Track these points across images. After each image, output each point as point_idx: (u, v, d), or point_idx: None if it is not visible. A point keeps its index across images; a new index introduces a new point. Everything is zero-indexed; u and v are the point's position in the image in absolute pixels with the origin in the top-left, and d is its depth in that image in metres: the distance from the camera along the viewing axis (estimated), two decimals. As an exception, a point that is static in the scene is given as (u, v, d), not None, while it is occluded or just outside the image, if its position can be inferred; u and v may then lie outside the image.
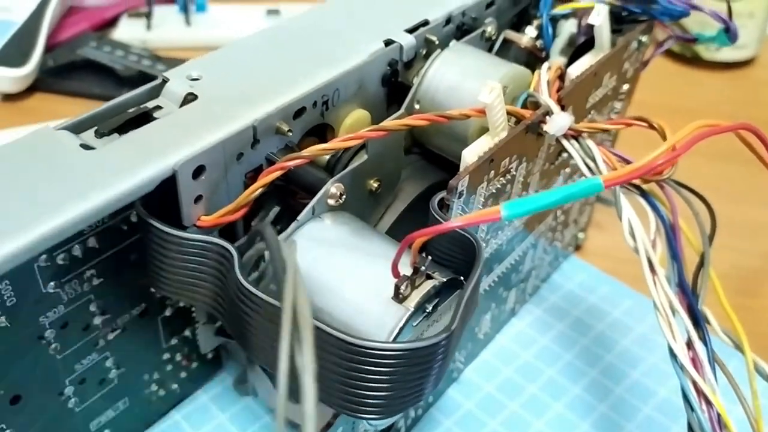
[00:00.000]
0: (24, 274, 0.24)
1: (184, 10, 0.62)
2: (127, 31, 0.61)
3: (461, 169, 0.28)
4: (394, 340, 0.23)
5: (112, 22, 0.62)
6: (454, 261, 0.26)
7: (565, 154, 0.34)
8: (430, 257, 0.24)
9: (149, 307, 0.30)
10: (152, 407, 0.34)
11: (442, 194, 0.26)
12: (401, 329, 0.23)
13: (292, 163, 0.25)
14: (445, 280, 0.25)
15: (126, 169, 0.24)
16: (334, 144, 0.25)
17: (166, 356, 0.33)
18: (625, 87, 0.37)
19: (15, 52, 0.55)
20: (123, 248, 0.28)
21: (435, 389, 0.25)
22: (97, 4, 0.63)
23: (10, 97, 0.54)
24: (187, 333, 0.33)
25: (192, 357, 0.34)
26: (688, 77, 0.59)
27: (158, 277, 0.26)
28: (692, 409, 0.25)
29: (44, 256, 0.24)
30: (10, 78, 0.53)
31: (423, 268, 0.24)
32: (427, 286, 0.24)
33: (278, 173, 0.25)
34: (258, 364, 0.25)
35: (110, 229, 0.26)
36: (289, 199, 0.29)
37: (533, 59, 0.36)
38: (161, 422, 0.34)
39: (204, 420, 0.34)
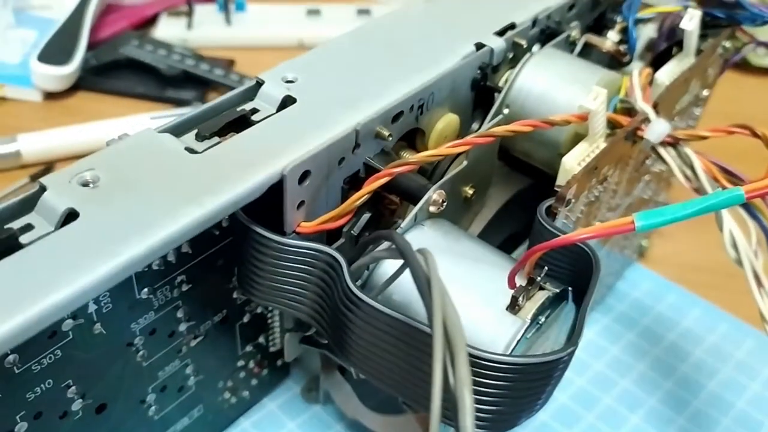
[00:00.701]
0: (122, 281, 0.23)
1: (225, 8, 0.61)
2: (168, 29, 0.60)
3: (562, 174, 0.27)
4: (511, 354, 0.23)
5: (152, 21, 0.61)
6: (560, 270, 0.25)
7: (648, 161, 0.34)
8: (546, 267, 0.23)
9: (230, 313, 0.29)
10: (224, 414, 0.33)
11: (550, 202, 0.25)
12: (518, 342, 0.23)
13: (399, 170, 0.24)
14: (558, 291, 0.24)
15: (236, 173, 0.23)
16: (443, 150, 0.24)
17: (241, 363, 0.32)
18: (705, 93, 0.36)
19: (58, 50, 0.54)
20: (212, 253, 0.27)
21: (543, 407, 0.24)
22: (136, 3, 0.62)
23: (53, 96, 0.53)
24: (261, 340, 0.32)
25: (263, 364, 0.33)
26: (740, 83, 0.58)
27: (253, 282, 0.25)
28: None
29: (143, 262, 0.24)
30: (53, 76, 0.52)
31: (539, 278, 0.23)
32: (542, 297, 0.24)
33: (386, 179, 0.24)
34: (361, 374, 0.24)
35: (203, 234, 0.26)
36: (378, 205, 0.28)
37: (614, 64, 0.35)
38: (231, 429, 0.33)
39: (273, 428, 0.34)
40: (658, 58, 0.35)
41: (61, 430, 0.25)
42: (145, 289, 0.25)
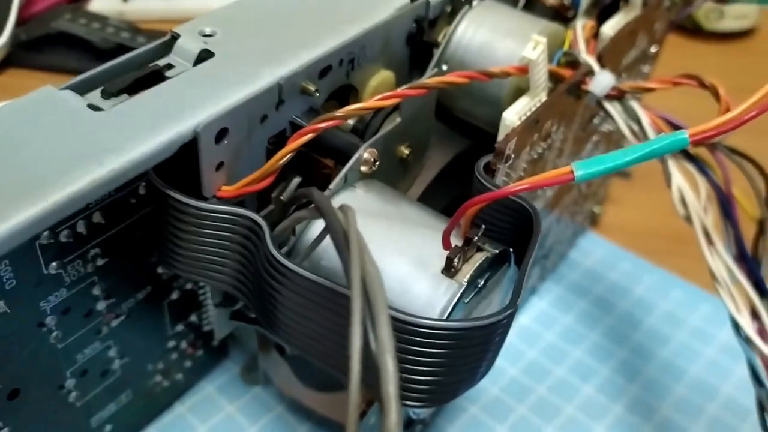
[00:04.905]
0: (25, 254, 0.21)
1: (163, -20, 0.59)
2: (103, 2, 0.58)
3: (502, 131, 0.26)
4: (447, 319, 0.21)
5: (86, -6, 0.59)
6: (501, 231, 0.24)
7: (596, 121, 0.32)
8: (483, 227, 0.22)
9: (155, 290, 0.27)
10: (156, 400, 0.31)
11: (488, 158, 0.24)
12: (454, 306, 0.21)
13: (325, 125, 0.22)
14: (497, 251, 0.22)
15: (142, 131, 0.21)
16: (372, 103, 0.23)
17: (171, 344, 0.30)
18: (654, 49, 0.35)
19: (-16, 24, 0.51)
20: (129, 224, 0.25)
21: (485, 375, 0.23)
22: (69, -25, 0.59)
23: (-20, 73, 0.51)
24: (193, 318, 0.30)
25: (197, 344, 0.31)
26: (690, 48, 0.57)
27: (173, 254, 0.23)
28: (761, 384, 0.23)
29: (47, 233, 0.21)
30: (-20, 52, 0.49)
31: (476, 238, 0.22)
32: (479, 258, 0.22)
33: (310, 136, 0.22)
34: (292, 348, 0.22)
35: (117, 202, 0.24)
36: (311, 169, 0.26)
37: (558, 20, 0.33)
38: (165, 415, 0.32)
39: (211, 412, 0.32)
40: (603, 12, 0.33)
41: (-32, 417, 0.23)
42: (53, 264, 0.23)
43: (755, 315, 0.24)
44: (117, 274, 0.25)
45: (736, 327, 0.24)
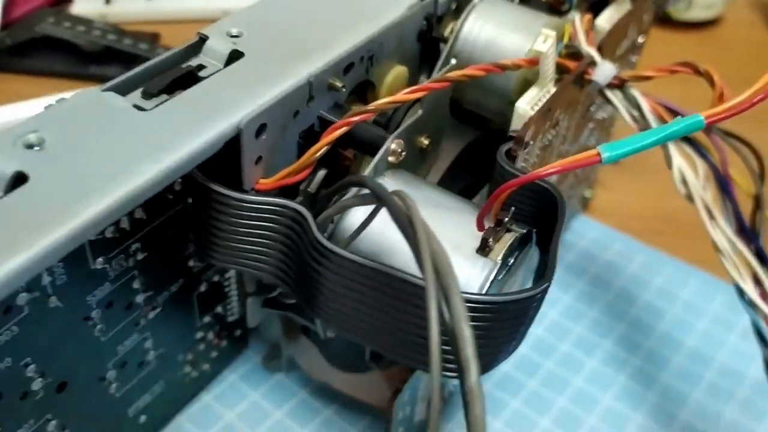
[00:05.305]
0: (76, 250, 0.22)
1: (144, -18, 0.59)
2: (85, 5, 0.58)
3: (516, 120, 0.27)
4: (493, 294, 0.23)
5: (67, -3, 0.59)
6: (522, 213, 0.25)
7: (592, 109, 0.34)
8: (513, 208, 0.23)
9: (186, 282, 0.29)
10: (185, 389, 0.32)
11: (509, 145, 0.25)
12: (492, 283, 0.23)
13: (357, 118, 0.24)
14: (524, 231, 0.24)
15: (191, 129, 0.22)
16: (401, 96, 0.24)
17: (200, 335, 0.31)
18: (641, 39, 0.36)
19: (-33, 31, 0.51)
20: (166, 219, 0.26)
21: (516, 349, 0.24)
22: (49, -21, 0.59)
23: (-34, 78, 0.51)
24: (218, 309, 0.31)
25: (222, 335, 0.32)
26: (660, 38, 0.60)
27: (215, 246, 0.24)
28: (766, 344, 0.25)
29: (97, 229, 0.22)
30: (-35, 58, 0.49)
31: (506, 219, 0.23)
32: (510, 238, 0.24)
33: (344, 129, 0.24)
34: (335, 329, 0.23)
35: (156, 198, 0.24)
36: (333, 161, 0.28)
37: (553, 13, 0.35)
38: (192, 405, 0.33)
39: (237, 399, 0.33)
40: (593, 5, 0.35)
41: (22, 411, 0.24)
42: (100, 259, 0.24)
43: (757, 281, 0.26)
44: (154, 268, 0.26)
45: (741, 293, 0.26)
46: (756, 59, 0.59)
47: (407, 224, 0.17)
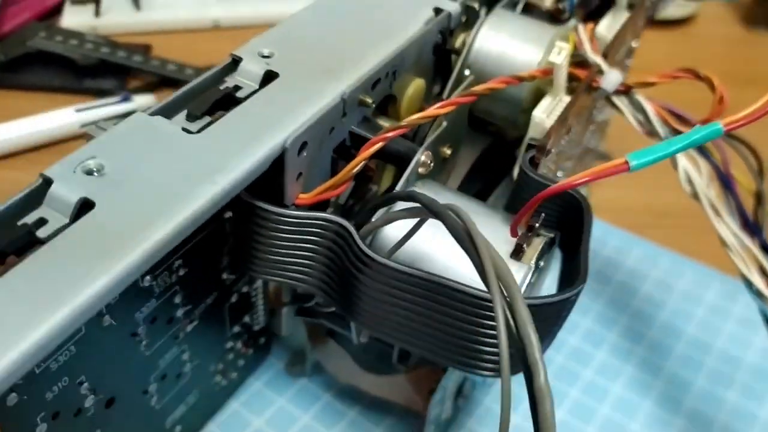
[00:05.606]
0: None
1: (132, -6, 0.60)
2: (74, 18, 0.58)
3: (533, 129, 0.29)
4: (534, 297, 0.24)
5: (56, 11, 0.59)
6: (548, 218, 0.27)
7: (594, 112, 0.36)
8: (543, 214, 0.25)
9: (220, 295, 0.30)
10: (215, 398, 0.33)
11: (532, 153, 0.27)
12: (527, 287, 0.24)
13: (392, 134, 0.25)
14: (552, 236, 0.25)
15: (239, 149, 0.23)
16: (432, 111, 0.25)
17: (230, 344, 0.32)
18: (635, 44, 0.38)
19: (-41, 47, 0.51)
20: (204, 236, 0.27)
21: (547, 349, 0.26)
22: (36, -8, 0.59)
23: (-38, 96, 0.51)
24: (246, 319, 0.32)
25: (249, 343, 0.33)
26: (645, 37, 0.62)
27: (257, 260, 0.25)
28: (776, 333, 0.27)
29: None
30: (-40, 75, 0.49)
31: (537, 225, 0.24)
32: (540, 242, 0.25)
33: (380, 144, 0.25)
34: (376, 334, 0.25)
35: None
36: (360, 172, 0.29)
37: (553, 22, 0.37)
38: (221, 413, 0.33)
39: (263, 405, 0.34)
40: (590, 13, 0.36)
41: (74, 429, 0.24)
42: (147, 276, 0.25)
43: (764, 272, 0.28)
44: (193, 282, 0.27)
45: (749, 284, 0.28)
46: (730, 55, 0.62)
47: (466, 238, 0.19)
